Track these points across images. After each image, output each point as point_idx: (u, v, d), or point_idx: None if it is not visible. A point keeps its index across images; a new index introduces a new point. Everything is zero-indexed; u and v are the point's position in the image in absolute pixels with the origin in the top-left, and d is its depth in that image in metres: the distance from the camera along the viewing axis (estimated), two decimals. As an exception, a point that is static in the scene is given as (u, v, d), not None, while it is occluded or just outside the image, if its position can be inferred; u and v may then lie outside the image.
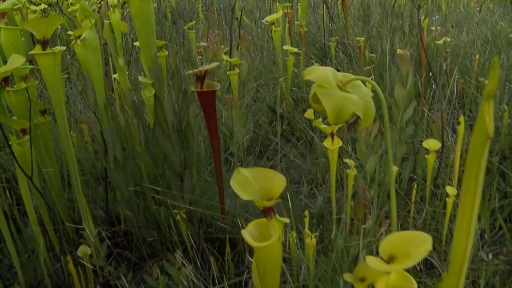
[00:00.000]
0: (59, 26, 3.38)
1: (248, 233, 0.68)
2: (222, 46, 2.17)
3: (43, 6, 3.51)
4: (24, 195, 1.35)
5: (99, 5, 2.85)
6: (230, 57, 2.22)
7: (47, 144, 1.56)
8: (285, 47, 2.56)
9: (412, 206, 1.60)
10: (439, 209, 1.66)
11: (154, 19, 1.45)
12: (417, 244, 0.60)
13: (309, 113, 1.96)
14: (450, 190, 1.47)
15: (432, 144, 1.63)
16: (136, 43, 2.15)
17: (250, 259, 1.39)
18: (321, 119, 1.99)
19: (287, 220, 0.68)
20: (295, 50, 2.54)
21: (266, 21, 3.78)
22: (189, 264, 1.22)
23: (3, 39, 1.62)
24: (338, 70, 3.08)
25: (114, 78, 1.87)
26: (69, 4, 3.60)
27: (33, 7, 3.32)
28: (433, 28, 3.19)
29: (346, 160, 1.46)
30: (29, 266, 1.50)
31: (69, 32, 2.15)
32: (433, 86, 2.19)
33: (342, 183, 2.08)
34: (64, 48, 1.53)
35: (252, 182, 0.67)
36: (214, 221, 1.54)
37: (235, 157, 1.91)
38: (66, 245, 1.69)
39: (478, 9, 4.94)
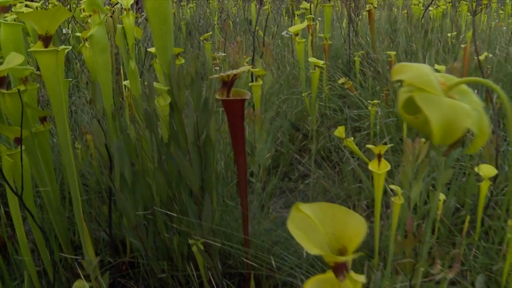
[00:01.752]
0: (69, 31, 3.21)
1: (307, 298, 0.47)
2: (244, 56, 1.97)
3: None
4: (14, 217, 1.15)
5: (112, 9, 2.68)
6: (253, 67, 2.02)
7: (46, 156, 1.37)
8: (310, 59, 2.36)
9: (463, 242, 1.38)
10: (494, 245, 1.43)
11: (172, 17, 1.26)
12: None
13: (339, 131, 1.75)
14: (515, 225, 1.25)
15: (486, 170, 1.42)
16: (150, 49, 1.96)
17: (277, 300, 1.17)
18: (352, 138, 1.78)
19: (363, 279, 0.47)
20: (321, 62, 2.34)
21: (289, 32, 3.60)
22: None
23: (2, 36, 1.43)
24: (362, 87, 2.88)
25: (125, 85, 1.68)
26: (82, 10, 3.44)
27: (44, 12, 3.16)
28: (463, 46, 2.99)
29: (392, 187, 1.25)
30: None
31: (77, 34, 1.97)
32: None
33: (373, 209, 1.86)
34: (69, 47, 1.34)
35: (316, 225, 0.46)
36: (233, 251, 1.33)
37: (256, 178, 1.71)
38: (62, 271, 1.49)
39: (505, 28, 4.74)
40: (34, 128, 1.33)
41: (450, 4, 8.31)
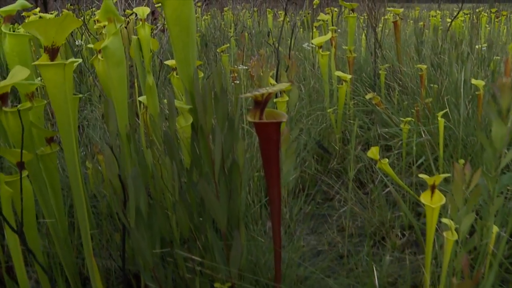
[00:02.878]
0: (82, 42, 3.10)
1: None
2: (268, 70, 1.83)
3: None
4: (14, 255, 1.01)
5: (127, 20, 2.57)
6: (276, 82, 1.89)
7: (52, 181, 1.23)
8: (337, 73, 2.22)
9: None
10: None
11: (195, 26, 1.12)
12: None
13: (373, 153, 1.60)
14: None
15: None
16: (167, 62, 1.83)
17: None
18: (386, 160, 1.63)
19: None
20: (349, 77, 2.20)
21: (309, 44, 3.46)
22: None
23: (7, 48, 1.31)
24: (388, 101, 2.72)
25: (140, 102, 1.54)
26: (95, 21, 3.34)
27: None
28: (496, 57, 2.83)
29: (445, 220, 1.09)
30: None
31: (90, 45, 1.85)
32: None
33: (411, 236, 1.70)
34: (79, 60, 1.21)
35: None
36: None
37: (282, 202, 1.56)
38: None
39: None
40: (39, 150, 1.19)
41: (468, 16, 8.19)
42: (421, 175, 1.02)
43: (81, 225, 1.03)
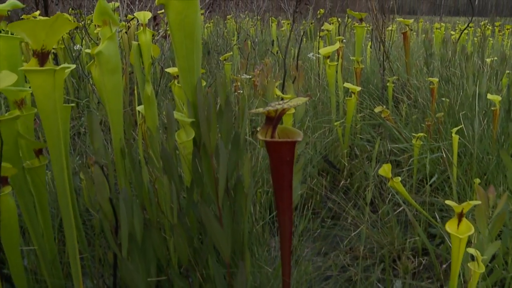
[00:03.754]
0: (81, 47, 3.01)
1: None
2: (274, 80, 1.74)
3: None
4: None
5: (128, 25, 2.48)
6: (282, 93, 1.79)
7: (40, 197, 1.13)
8: (346, 85, 2.13)
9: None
10: None
11: (200, 32, 1.03)
12: None
13: (385, 170, 1.50)
14: None
15: None
16: (168, 70, 1.74)
17: None
18: (399, 178, 1.53)
19: None
20: (358, 89, 2.10)
21: (315, 54, 3.37)
22: None
23: (-3, 51, 1.21)
24: (397, 115, 2.62)
25: (139, 112, 1.44)
26: (96, 26, 3.25)
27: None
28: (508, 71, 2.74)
29: (471, 250, 0.99)
30: None
31: (87, 51, 1.75)
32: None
33: (425, 255, 1.60)
34: (73, 66, 1.11)
35: None
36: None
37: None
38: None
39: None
40: (26, 164, 1.09)
41: (472, 29, 8.15)
42: (448, 202, 0.92)
43: (69, 248, 0.93)
